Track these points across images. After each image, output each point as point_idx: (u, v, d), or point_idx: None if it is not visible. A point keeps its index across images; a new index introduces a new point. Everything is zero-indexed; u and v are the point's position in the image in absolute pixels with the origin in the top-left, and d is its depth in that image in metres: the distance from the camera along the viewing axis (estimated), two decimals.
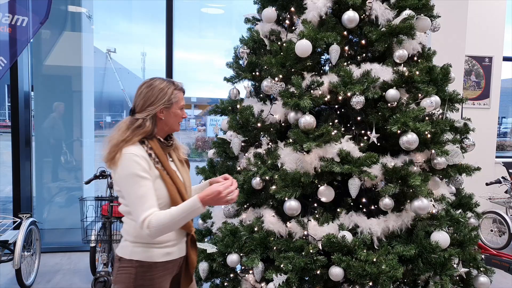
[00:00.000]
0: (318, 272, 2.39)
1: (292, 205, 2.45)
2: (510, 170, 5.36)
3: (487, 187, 5.12)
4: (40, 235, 4.06)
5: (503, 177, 5.03)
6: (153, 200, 1.63)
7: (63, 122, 5.38)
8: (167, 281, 1.80)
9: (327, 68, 2.82)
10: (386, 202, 2.41)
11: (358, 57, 2.76)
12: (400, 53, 2.56)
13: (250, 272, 2.60)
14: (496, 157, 6.09)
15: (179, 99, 1.79)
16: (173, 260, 1.79)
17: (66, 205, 5.57)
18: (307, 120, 2.45)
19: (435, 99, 2.57)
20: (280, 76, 2.65)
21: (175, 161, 1.86)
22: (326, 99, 2.56)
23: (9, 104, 4.61)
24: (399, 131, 2.40)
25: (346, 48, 2.71)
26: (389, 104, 2.51)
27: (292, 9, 2.84)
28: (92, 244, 3.70)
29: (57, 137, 5.41)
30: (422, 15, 2.68)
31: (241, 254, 2.56)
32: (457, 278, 2.60)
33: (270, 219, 2.54)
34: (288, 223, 2.54)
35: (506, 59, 6.12)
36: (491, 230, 5.14)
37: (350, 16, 2.56)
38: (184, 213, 1.62)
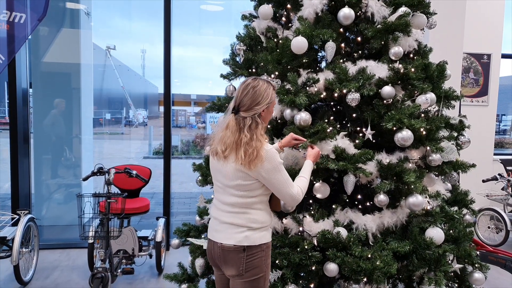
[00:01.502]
0: (313, 268, 2.41)
1: None
2: (508, 167, 5.38)
3: (486, 184, 5.13)
4: (38, 231, 4.08)
5: (499, 174, 5.05)
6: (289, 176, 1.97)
7: (62, 119, 5.40)
8: None
9: (323, 65, 2.82)
10: (381, 198, 2.42)
11: (355, 54, 2.76)
12: (396, 50, 2.56)
13: None
14: (495, 154, 6.10)
15: (275, 98, 2.03)
16: None
17: (64, 202, 5.58)
18: (303, 117, 2.46)
19: (431, 96, 2.57)
20: (276, 73, 2.66)
21: None
22: (322, 96, 2.56)
23: (8, 101, 4.62)
24: (394, 128, 2.41)
25: (342, 45, 2.71)
26: (384, 101, 2.51)
27: (289, 6, 2.84)
28: (90, 241, 3.71)
29: (56, 134, 5.42)
30: (418, 12, 2.68)
31: None
32: (452, 274, 2.61)
33: None
34: (283, 219, 2.56)
35: (504, 56, 6.12)
36: (489, 227, 5.16)
37: (346, 13, 2.56)
38: (309, 175, 2.12)
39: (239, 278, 1.95)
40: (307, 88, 2.54)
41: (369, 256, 2.32)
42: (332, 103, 2.73)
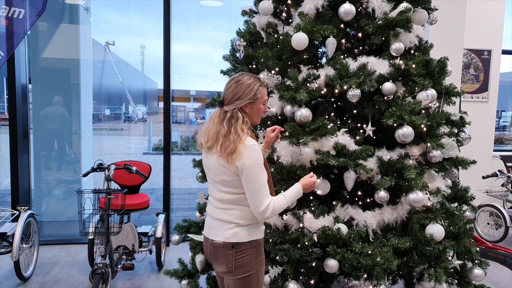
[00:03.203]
0: (314, 264, 2.41)
1: None
2: (508, 164, 5.38)
3: (485, 181, 5.14)
4: (38, 227, 4.08)
5: (499, 171, 5.05)
6: (268, 187, 1.87)
7: (61, 115, 5.39)
8: None
9: (323, 61, 2.81)
10: (382, 195, 2.42)
11: (355, 50, 2.75)
12: (397, 46, 2.55)
13: None
14: (494, 150, 6.10)
15: (263, 94, 1.96)
16: None
17: (64, 198, 5.58)
18: (303, 113, 2.46)
19: (431, 92, 2.56)
20: (277, 69, 2.65)
21: None
22: (322, 92, 2.56)
23: (7, 97, 4.61)
24: (394, 124, 2.40)
25: (343, 41, 2.70)
26: (385, 97, 2.51)
27: (289, 1, 2.83)
28: (90, 237, 3.72)
29: (56, 130, 5.41)
30: (419, 7, 2.67)
31: None
32: (452, 270, 2.61)
33: None
34: (284, 215, 2.56)
35: (505, 52, 6.11)
36: (488, 223, 5.17)
37: (347, 9, 2.55)
38: (293, 199, 1.98)
39: (229, 275, 1.94)
40: (308, 84, 2.53)
41: (369, 252, 2.33)
42: (332, 100, 2.72)
